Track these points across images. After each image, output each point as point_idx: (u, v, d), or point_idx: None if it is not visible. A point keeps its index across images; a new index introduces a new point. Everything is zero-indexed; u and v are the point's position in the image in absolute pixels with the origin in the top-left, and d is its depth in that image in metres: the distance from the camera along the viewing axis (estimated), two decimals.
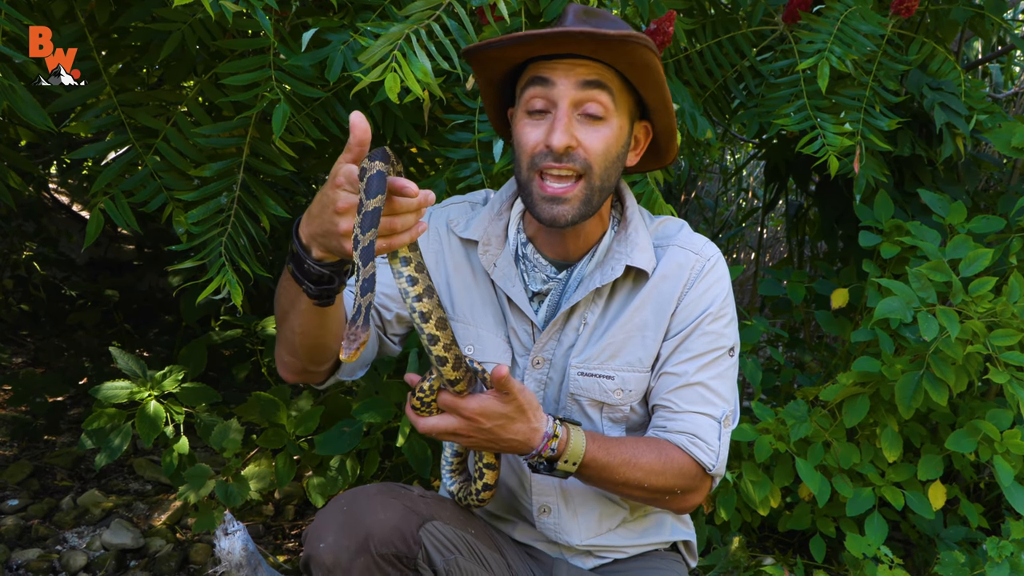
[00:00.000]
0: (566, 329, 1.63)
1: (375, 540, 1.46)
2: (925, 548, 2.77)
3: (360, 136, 1.18)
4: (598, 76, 1.47)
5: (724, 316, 1.62)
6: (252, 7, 1.74)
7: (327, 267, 1.31)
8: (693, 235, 1.67)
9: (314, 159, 2.86)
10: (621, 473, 1.52)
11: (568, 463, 1.49)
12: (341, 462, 2.66)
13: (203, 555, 2.73)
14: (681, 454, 1.58)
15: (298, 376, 1.59)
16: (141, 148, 2.16)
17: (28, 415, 3.47)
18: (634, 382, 1.62)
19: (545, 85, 1.47)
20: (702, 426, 1.59)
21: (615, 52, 1.44)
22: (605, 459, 1.51)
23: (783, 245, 5.81)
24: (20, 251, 4.39)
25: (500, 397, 1.42)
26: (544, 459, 1.49)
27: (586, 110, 1.47)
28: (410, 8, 1.84)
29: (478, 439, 1.47)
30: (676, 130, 1.60)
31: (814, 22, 2.45)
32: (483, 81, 1.60)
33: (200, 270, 2.16)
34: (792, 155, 3.11)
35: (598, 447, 1.51)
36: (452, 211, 1.73)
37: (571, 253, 1.64)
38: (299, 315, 1.42)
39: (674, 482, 1.56)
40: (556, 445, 1.48)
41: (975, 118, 2.57)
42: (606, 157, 1.50)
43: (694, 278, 1.61)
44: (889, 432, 2.45)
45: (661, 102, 1.53)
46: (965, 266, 2.37)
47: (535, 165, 1.49)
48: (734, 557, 2.58)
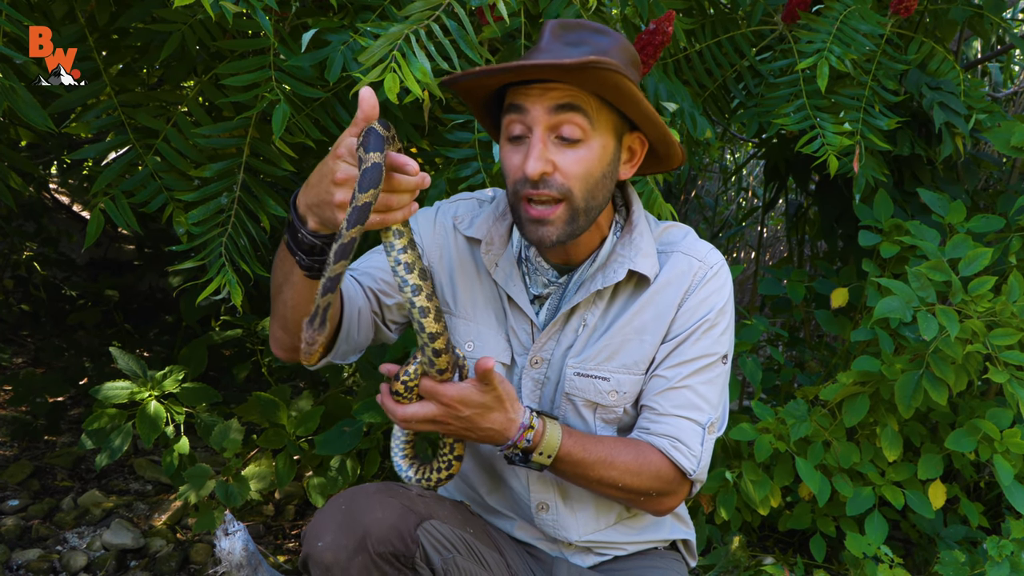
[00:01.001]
0: (565, 330, 1.64)
1: (373, 539, 1.46)
2: (925, 547, 2.77)
3: (368, 112, 1.21)
4: (571, 99, 1.46)
5: (720, 324, 1.62)
6: (252, 8, 1.74)
7: (320, 238, 1.34)
8: (698, 242, 1.67)
9: (314, 159, 2.86)
10: (596, 471, 1.53)
11: (543, 455, 1.50)
12: (341, 462, 2.66)
13: (203, 555, 2.73)
14: (660, 457, 1.57)
15: (289, 353, 1.60)
16: (141, 148, 2.16)
17: (28, 415, 3.48)
18: (629, 384, 1.62)
19: (520, 112, 1.49)
20: (685, 430, 1.59)
21: (579, 78, 1.44)
22: (580, 455, 1.52)
23: (783, 244, 5.81)
24: (21, 251, 4.40)
25: (479, 386, 1.43)
26: (519, 450, 1.50)
27: (561, 133, 1.47)
28: (410, 8, 1.84)
29: (456, 427, 1.47)
30: (671, 138, 1.59)
31: (813, 22, 2.45)
32: (472, 107, 1.62)
33: (200, 270, 2.16)
34: (792, 154, 3.11)
35: (574, 442, 1.52)
36: (460, 207, 1.74)
37: (572, 258, 1.64)
38: (292, 288, 1.44)
39: (650, 484, 1.57)
40: (532, 436, 1.48)
41: (974, 117, 2.57)
42: (587, 179, 1.49)
43: (696, 284, 1.61)
44: (889, 431, 2.45)
45: (642, 116, 1.52)
46: (964, 265, 2.37)
47: (518, 192, 1.51)
48: (734, 556, 2.58)
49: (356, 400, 2.68)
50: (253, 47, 2.04)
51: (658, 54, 2.05)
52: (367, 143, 1.20)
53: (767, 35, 2.66)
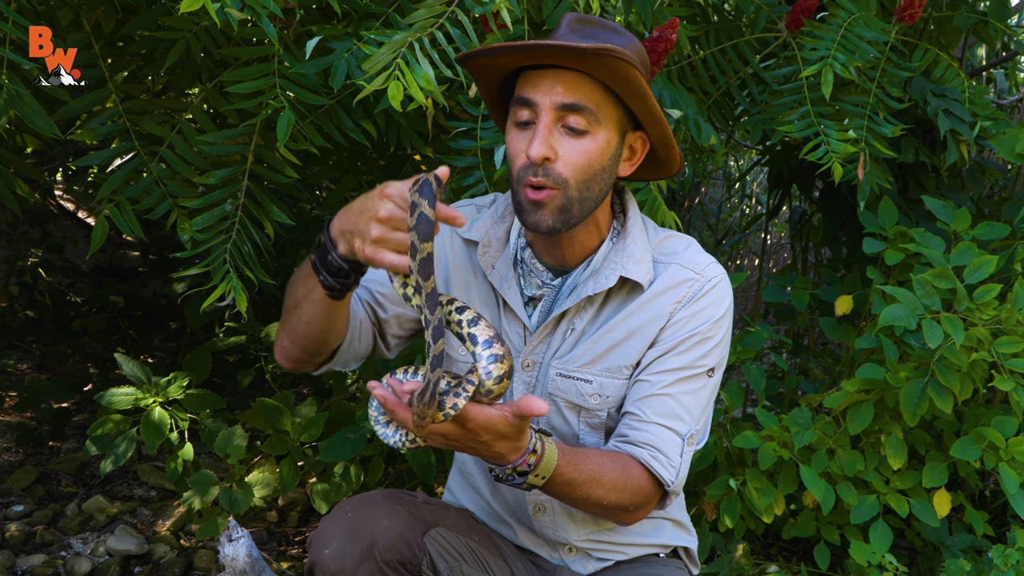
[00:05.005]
0: (555, 334, 1.64)
1: (380, 547, 1.46)
2: (930, 556, 2.76)
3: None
4: (580, 88, 1.47)
5: (712, 338, 1.60)
6: (257, 15, 1.75)
7: (349, 263, 1.35)
8: (700, 254, 1.65)
9: (318, 166, 2.87)
10: (584, 490, 1.49)
11: (538, 477, 1.45)
12: (345, 468, 2.66)
13: (207, 561, 2.73)
14: (641, 471, 1.55)
15: (294, 364, 1.60)
16: (146, 155, 2.17)
17: (33, 421, 3.48)
18: (612, 388, 1.62)
19: (530, 96, 1.50)
20: (665, 440, 1.57)
21: (591, 65, 1.45)
22: (572, 474, 1.47)
23: (787, 251, 5.81)
24: (26, 258, 4.41)
25: (512, 420, 1.35)
26: (515, 472, 1.44)
27: (567, 123, 1.49)
28: (413, 16, 1.84)
29: (463, 445, 1.40)
30: (672, 141, 1.59)
31: (817, 29, 2.45)
32: (482, 89, 1.62)
33: (205, 277, 2.16)
34: (796, 162, 3.11)
35: (567, 461, 1.47)
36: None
37: (567, 261, 1.64)
38: (311, 305, 1.45)
39: (630, 499, 1.54)
40: (533, 461, 1.43)
41: (979, 124, 2.57)
42: (586, 170, 1.50)
43: (690, 297, 1.60)
44: (894, 439, 2.45)
45: (648, 113, 1.53)
46: (970, 273, 2.37)
47: (520, 178, 1.52)
48: (738, 565, 2.58)
49: (360, 406, 2.68)
50: (257, 54, 2.04)
51: (662, 61, 2.06)
52: (423, 190, 1.21)
53: (771, 42, 2.66)
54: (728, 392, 2.70)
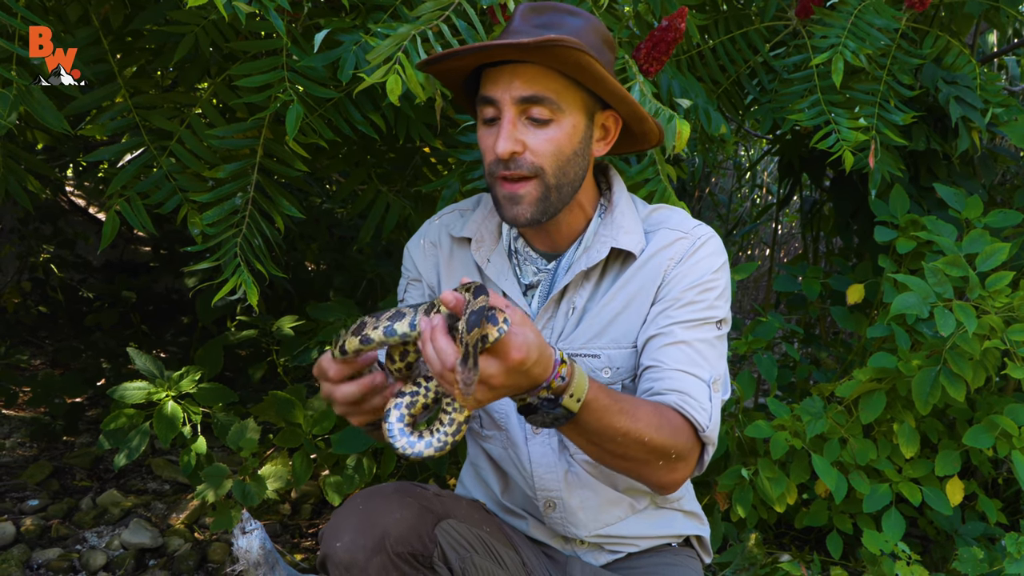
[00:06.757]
0: (557, 316, 1.65)
1: (392, 539, 1.47)
2: (943, 544, 2.75)
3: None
4: (538, 79, 1.50)
5: (715, 288, 1.59)
6: (265, 8, 1.75)
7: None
8: (686, 219, 1.67)
9: (327, 159, 2.87)
10: (621, 421, 1.40)
11: (573, 398, 1.34)
12: (358, 460, 2.67)
13: (221, 554, 2.75)
14: (674, 414, 1.49)
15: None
16: (156, 150, 2.17)
17: (47, 416, 3.50)
18: (621, 359, 1.62)
19: (491, 94, 1.53)
20: (690, 384, 1.52)
21: (540, 57, 1.47)
22: (607, 400, 1.39)
23: (798, 241, 5.79)
24: (38, 254, 4.43)
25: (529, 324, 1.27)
26: (552, 391, 1.33)
27: (531, 114, 1.51)
28: (421, 8, 1.84)
29: (504, 384, 1.28)
30: (643, 113, 1.60)
31: (827, 17, 2.44)
32: (452, 91, 1.68)
33: (216, 271, 2.17)
34: (806, 150, 3.09)
35: (599, 387, 1.39)
36: (444, 220, 1.79)
37: (559, 244, 1.67)
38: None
39: (671, 441, 1.45)
40: (566, 372, 1.33)
41: (991, 111, 2.55)
42: (557, 157, 1.53)
43: (684, 253, 1.61)
44: (906, 428, 2.44)
45: (608, 93, 1.54)
46: (982, 261, 2.36)
47: (493, 173, 1.55)
48: (751, 554, 2.58)
49: None
50: (266, 48, 2.05)
51: (671, 50, 2.05)
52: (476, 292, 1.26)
53: (781, 30, 2.65)
54: (740, 382, 2.69)
